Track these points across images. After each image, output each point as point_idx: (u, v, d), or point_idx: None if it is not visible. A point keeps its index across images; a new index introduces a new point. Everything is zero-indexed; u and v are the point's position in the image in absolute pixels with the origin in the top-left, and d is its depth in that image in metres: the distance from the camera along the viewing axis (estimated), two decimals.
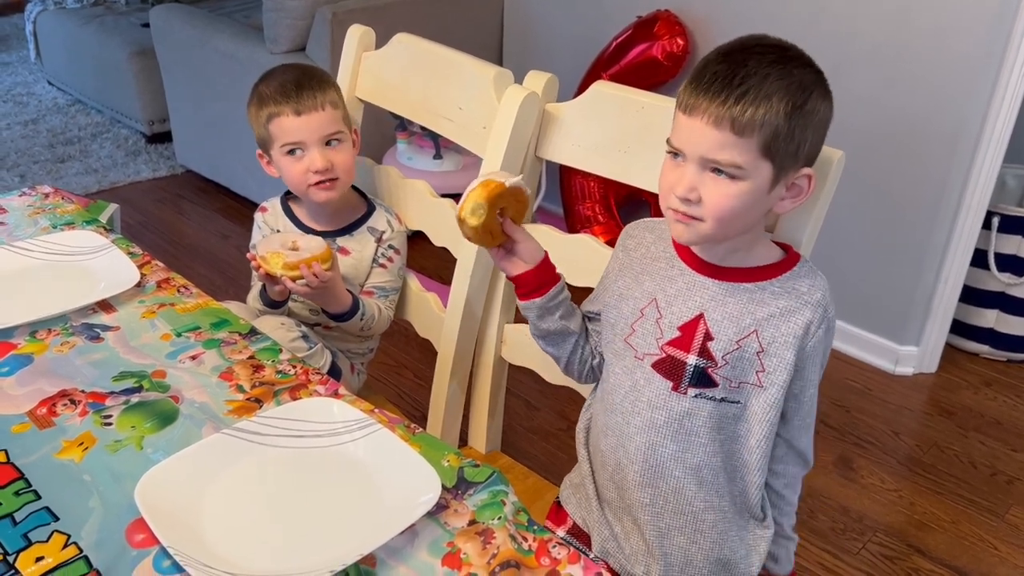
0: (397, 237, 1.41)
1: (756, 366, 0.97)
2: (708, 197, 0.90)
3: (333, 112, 1.31)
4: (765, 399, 0.98)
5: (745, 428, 0.99)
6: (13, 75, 4.35)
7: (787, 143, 0.88)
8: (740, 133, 0.87)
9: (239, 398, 1.01)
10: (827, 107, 0.92)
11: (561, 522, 1.16)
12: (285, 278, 1.23)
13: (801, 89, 0.88)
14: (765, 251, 0.99)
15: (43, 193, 1.48)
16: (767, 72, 0.87)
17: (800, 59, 0.91)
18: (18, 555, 0.79)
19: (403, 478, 0.88)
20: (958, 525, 1.87)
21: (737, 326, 0.96)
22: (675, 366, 0.98)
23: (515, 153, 1.23)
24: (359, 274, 1.40)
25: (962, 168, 2.11)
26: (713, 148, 0.88)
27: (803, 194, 0.94)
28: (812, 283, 0.97)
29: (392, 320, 1.43)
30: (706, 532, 1.03)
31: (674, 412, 0.99)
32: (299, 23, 2.57)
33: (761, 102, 0.86)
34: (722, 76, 0.87)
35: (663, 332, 0.99)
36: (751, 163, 0.88)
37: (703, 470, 1.01)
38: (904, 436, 2.13)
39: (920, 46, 2.06)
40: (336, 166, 1.32)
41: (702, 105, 0.88)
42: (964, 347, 2.45)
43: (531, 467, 1.42)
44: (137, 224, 2.99)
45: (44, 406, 0.98)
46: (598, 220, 2.65)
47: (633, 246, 1.07)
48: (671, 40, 2.42)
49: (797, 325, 0.96)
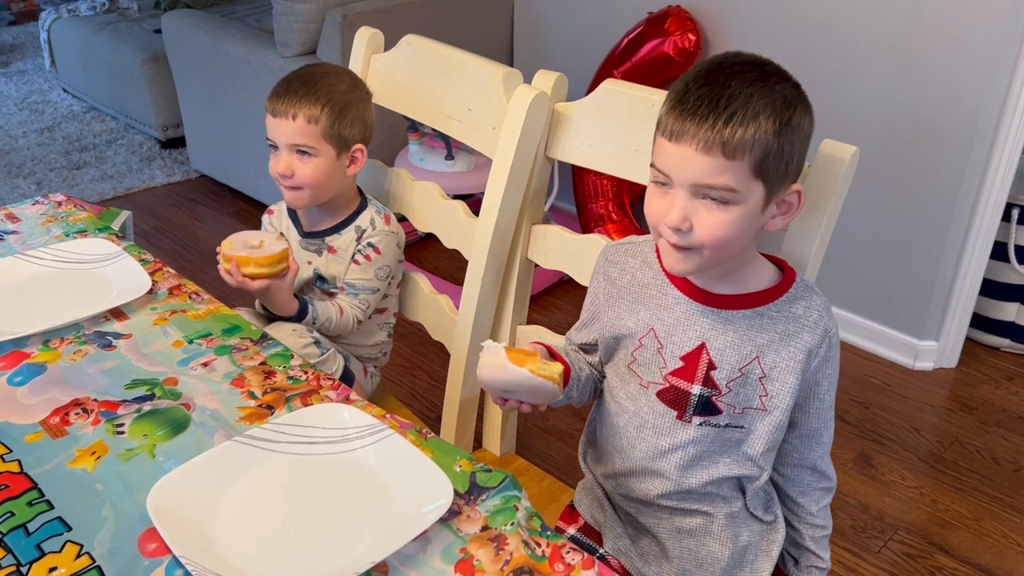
0: (379, 236, 1.38)
1: (759, 391, 0.96)
2: (701, 225, 0.87)
3: (305, 126, 1.28)
4: (769, 421, 0.98)
5: (749, 450, 1.00)
6: (29, 83, 4.38)
7: (777, 161, 0.86)
8: (731, 156, 0.84)
9: (251, 404, 1.01)
10: (809, 120, 0.89)
11: (573, 521, 1.16)
12: (221, 265, 1.28)
13: (786, 105, 0.86)
14: (759, 272, 0.97)
15: (56, 201, 1.49)
16: (751, 91, 0.84)
17: (779, 74, 0.88)
18: (31, 566, 0.79)
19: (415, 484, 0.88)
20: (981, 522, 1.85)
21: (739, 354, 0.95)
22: (679, 396, 0.98)
23: (525, 153, 1.22)
24: (342, 272, 1.40)
25: (980, 160, 2.08)
26: (705, 174, 0.85)
27: (793, 210, 0.92)
28: (808, 304, 0.96)
29: (360, 321, 1.39)
30: (716, 535, 1.03)
31: (679, 440, 0.99)
32: (310, 26, 2.58)
33: (749, 122, 0.83)
34: (707, 99, 0.85)
35: (666, 362, 0.98)
36: (744, 185, 0.86)
37: (708, 485, 1.01)
38: (925, 432, 2.11)
39: (935, 39, 2.03)
40: (298, 176, 1.31)
41: (690, 131, 0.85)
42: (985, 341, 2.41)
43: (546, 469, 1.41)
44: (152, 229, 3.01)
45: (57, 415, 0.98)
46: (611, 218, 2.63)
47: (617, 274, 1.04)
48: (683, 36, 2.40)
49: (798, 349, 0.95)
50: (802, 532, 1.07)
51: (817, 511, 1.06)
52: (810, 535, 1.07)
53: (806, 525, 1.07)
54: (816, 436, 1.02)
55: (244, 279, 1.26)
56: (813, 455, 1.03)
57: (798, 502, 1.06)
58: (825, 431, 1.02)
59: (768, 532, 1.06)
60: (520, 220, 1.28)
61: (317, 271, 1.40)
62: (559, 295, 2.61)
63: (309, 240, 1.41)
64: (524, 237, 1.30)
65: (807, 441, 1.02)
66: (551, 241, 1.28)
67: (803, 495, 1.05)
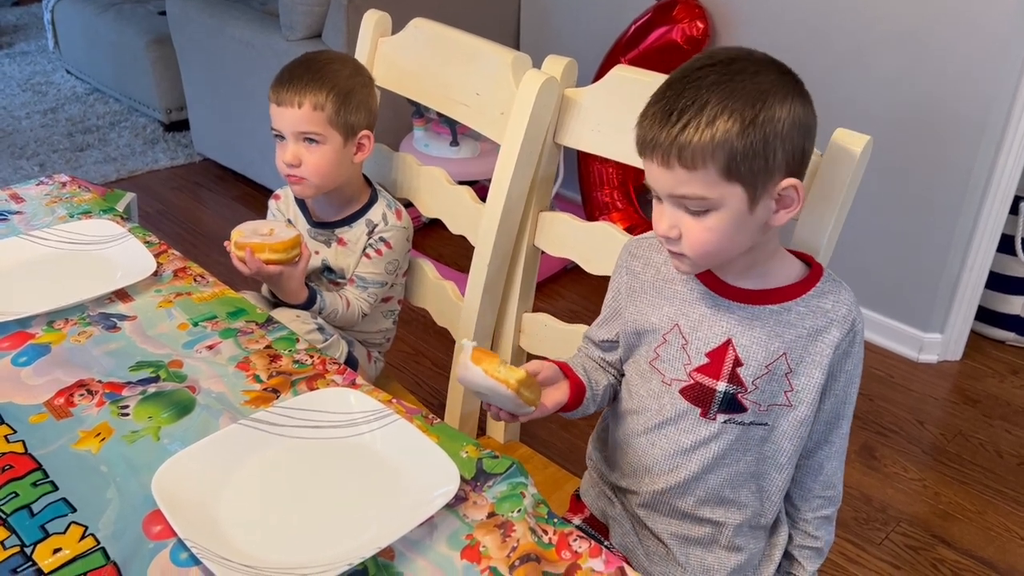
0: (391, 231, 1.37)
1: (785, 386, 0.95)
2: (687, 233, 0.88)
3: (311, 112, 1.27)
4: (794, 417, 0.96)
5: (773, 448, 0.98)
6: (32, 64, 4.36)
7: (750, 161, 0.83)
8: (692, 166, 0.83)
9: (256, 388, 1.01)
10: (794, 108, 0.84)
11: (579, 512, 1.15)
12: (233, 253, 1.27)
13: (750, 103, 0.82)
14: (785, 267, 0.96)
15: (60, 182, 1.48)
16: (706, 97, 0.82)
17: (748, 68, 0.84)
18: (35, 546, 0.79)
19: (421, 469, 0.87)
20: (984, 515, 1.84)
21: (766, 351, 0.93)
22: (704, 393, 0.96)
23: (533, 139, 1.21)
24: (351, 264, 1.39)
25: (989, 152, 2.07)
26: (672, 186, 0.85)
27: (795, 203, 0.89)
28: (837, 298, 0.94)
29: (366, 314, 1.39)
30: (724, 544, 1.02)
31: (702, 437, 0.98)
32: (315, 9, 2.56)
33: (704, 128, 0.82)
34: (660, 113, 0.84)
35: (691, 358, 0.97)
36: (716, 191, 0.84)
37: (725, 489, 0.99)
38: (928, 425, 2.10)
39: (945, 29, 2.02)
40: (305, 165, 1.29)
41: (649, 146, 0.85)
42: (990, 334, 2.41)
43: (550, 456, 1.41)
44: (155, 212, 3.00)
45: (61, 396, 0.98)
46: (616, 207, 2.62)
47: (641, 268, 1.03)
48: (691, 23, 2.39)
49: (826, 344, 0.93)
50: (792, 537, 1.06)
51: (812, 519, 1.04)
52: (799, 542, 1.05)
53: (798, 532, 1.05)
54: (826, 432, 1.00)
55: (260, 265, 1.25)
56: (820, 453, 1.01)
57: (796, 504, 1.04)
58: (836, 430, 1.00)
59: (773, 538, 1.05)
60: (527, 206, 1.28)
61: (325, 262, 1.40)
62: (563, 283, 2.60)
63: (318, 230, 1.40)
64: (531, 224, 1.29)
65: (816, 437, 1.00)
66: (558, 228, 1.28)
67: (802, 499, 1.04)
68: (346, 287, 1.39)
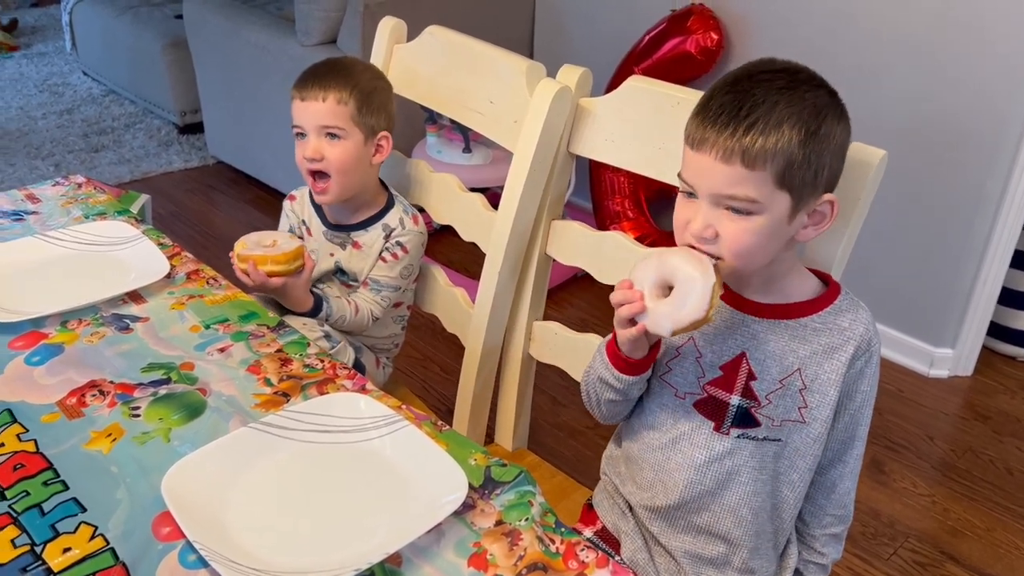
0: (408, 236, 1.38)
1: (799, 402, 0.94)
2: (725, 233, 0.86)
3: (336, 106, 1.29)
4: (807, 434, 0.95)
5: (787, 464, 0.98)
6: (49, 65, 4.40)
7: (803, 171, 0.84)
8: (751, 166, 0.82)
9: (267, 392, 1.01)
10: (843, 129, 0.86)
11: (591, 523, 1.15)
12: (236, 266, 1.28)
13: (814, 114, 0.83)
14: (802, 282, 0.96)
15: (76, 183, 1.49)
16: (776, 99, 0.82)
17: (811, 81, 0.86)
18: (45, 545, 0.79)
19: (430, 476, 0.87)
20: (993, 532, 1.83)
21: (780, 365, 0.93)
22: (717, 406, 0.96)
23: (546, 148, 1.22)
24: (365, 268, 1.40)
25: (1003, 167, 2.06)
26: (725, 184, 0.84)
27: (826, 221, 0.89)
28: (854, 317, 0.94)
29: (377, 318, 1.39)
30: (737, 566, 1.02)
31: (715, 452, 0.97)
32: (331, 15, 2.57)
33: (771, 131, 0.82)
34: (728, 107, 0.83)
35: (704, 371, 0.96)
36: (766, 196, 0.84)
37: (742, 509, 0.98)
38: (938, 440, 2.09)
39: (960, 44, 2.01)
40: (328, 160, 1.30)
41: (710, 139, 0.84)
42: (1001, 350, 2.39)
43: (558, 465, 1.40)
44: (168, 214, 3.01)
45: (73, 396, 0.98)
46: (627, 216, 2.62)
47: None
48: (705, 34, 2.39)
49: (840, 363, 0.93)
50: (800, 552, 1.05)
51: (820, 535, 1.03)
52: (805, 557, 1.05)
53: (805, 547, 1.05)
54: (840, 451, 0.99)
55: (263, 278, 1.26)
56: (833, 472, 1.00)
57: (806, 521, 1.04)
58: (851, 450, 0.99)
59: (783, 560, 1.05)
60: (539, 215, 1.28)
61: (339, 264, 1.40)
62: (573, 291, 2.60)
63: (334, 232, 1.41)
64: (543, 232, 1.29)
65: (829, 455, 0.99)
66: (570, 237, 1.28)
67: (813, 516, 1.03)
68: (359, 290, 1.39)
